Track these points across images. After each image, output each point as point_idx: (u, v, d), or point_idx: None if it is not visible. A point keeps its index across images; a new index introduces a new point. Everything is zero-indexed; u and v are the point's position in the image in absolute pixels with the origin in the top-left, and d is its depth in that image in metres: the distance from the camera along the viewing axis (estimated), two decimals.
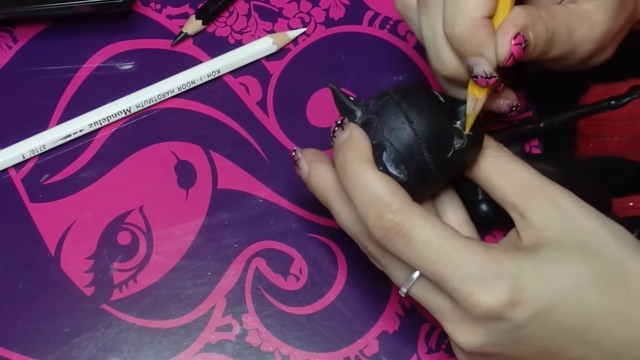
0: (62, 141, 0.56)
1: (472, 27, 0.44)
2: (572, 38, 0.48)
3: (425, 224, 0.43)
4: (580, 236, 0.44)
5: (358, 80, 0.58)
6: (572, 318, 0.43)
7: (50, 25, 0.60)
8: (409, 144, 0.45)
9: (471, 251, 0.43)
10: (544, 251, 0.44)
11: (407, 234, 0.43)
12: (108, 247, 0.54)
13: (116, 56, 0.59)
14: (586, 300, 0.43)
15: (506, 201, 0.46)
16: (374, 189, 0.44)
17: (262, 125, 0.57)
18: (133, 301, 0.53)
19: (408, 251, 0.43)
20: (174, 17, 0.60)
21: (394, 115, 0.46)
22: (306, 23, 0.59)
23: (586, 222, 0.44)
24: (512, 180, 0.46)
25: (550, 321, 0.43)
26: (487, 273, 0.42)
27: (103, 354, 0.52)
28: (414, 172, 0.46)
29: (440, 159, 0.46)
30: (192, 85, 0.57)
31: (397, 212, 0.43)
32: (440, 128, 0.46)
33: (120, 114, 0.57)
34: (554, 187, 0.46)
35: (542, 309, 0.42)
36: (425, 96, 0.47)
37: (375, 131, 0.46)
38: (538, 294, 0.42)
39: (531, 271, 0.43)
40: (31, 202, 0.56)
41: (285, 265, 0.54)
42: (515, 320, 0.43)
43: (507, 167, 0.47)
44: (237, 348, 0.52)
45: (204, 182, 0.56)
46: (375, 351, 0.52)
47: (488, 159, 0.47)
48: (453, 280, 0.43)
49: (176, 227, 0.55)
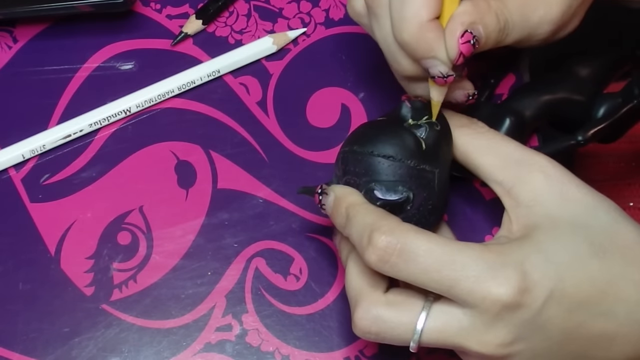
0: (62, 141, 0.56)
1: (419, 32, 0.44)
2: (527, 23, 0.47)
3: (420, 236, 0.43)
4: (568, 208, 0.44)
5: (358, 81, 0.58)
6: (584, 289, 0.43)
7: (50, 25, 0.60)
8: (387, 169, 0.46)
9: (473, 250, 0.43)
10: (538, 232, 0.44)
11: (404, 249, 0.43)
12: (108, 247, 0.54)
13: (116, 56, 0.59)
14: (591, 269, 0.43)
15: (491, 179, 0.46)
16: (364, 219, 0.44)
17: (262, 125, 0.57)
18: (133, 301, 0.53)
19: (411, 266, 0.43)
20: (174, 17, 0.60)
21: (357, 161, 0.47)
22: (306, 23, 0.59)
23: (572, 191, 0.45)
24: (493, 156, 0.46)
25: (565, 298, 0.43)
26: (495, 267, 0.42)
27: (103, 354, 0.52)
28: (412, 184, 0.46)
29: (420, 156, 0.46)
30: (192, 85, 0.57)
31: (389, 232, 0.43)
32: (398, 135, 0.46)
33: (120, 114, 0.57)
34: (537, 158, 0.46)
35: (555, 288, 0.43)
36: (367, 126, 0.48)
37: (356, 184, 0.47)
38: (547, 273, 0.43)
39: (533, 254, 0.43)
40: (31, 202, 0.56)
41: (285, 265, 0.54)
42: (534, 305, 0.42)
43: (487, 143, 0.47)
44: (237, 348, 0.52)
45: (204, 182, 0.56)
46: (375, 351, 0.52)
47: (465, 138, 0.47)
48: (465, 282, 0.42)
49: (176, 227, 0.55)
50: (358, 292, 0.46)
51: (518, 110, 0.53)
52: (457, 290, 0.43)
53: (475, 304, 0.42)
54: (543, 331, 0.43)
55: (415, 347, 0.44)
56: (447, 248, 0.43)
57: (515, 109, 0.53)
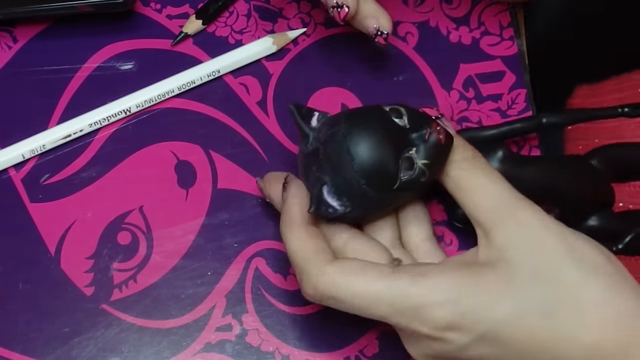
0: (62, 141, 0.56)
1: None
2: None
3: (347, 279, 0.44)
4: (537, 259, 0.43)
5: (358, 81, 0.58)
6: (521, 342, 0.43)
7: (50, 25, 0.60)
8: (348, 180, 0.46)
9: (401, 286, 0.44)
10: (493, 274, 0.44)
11: (334, 296, 0.45)
12: (108, 247, 0.54)
13: (116, 56, 0.59)
14: (535, 325, 0.42)
15: (473, 218, 0.46)
16: (300, 252, 0.46)
17: (262, 125, 0.57)
18: (133, 301, 0.53)
19: (343, 306, 0.45)
20: (174, 17, 0.60)
21: (337, 150, 0.46)
22: (306, 23, 0.59)
23: (548, 243, 0.44)
24: (480, 197, 0.46)
25: (498, 343, 0.43)
26: (421, 303, 0.43)
27: (103, 354, 0.52)
28: (357, 203, 0.47)
29: (383, 192, 0.46)
30: (192, 85, 0.57)
31: (320, 280, 0.45)
32: (383, 164, 0.46)
33: (120, 114, 0.57)
34: (521, 204, 0.45)
35: (487, 332, 0.43)
36: (376, 125, 0.47)
37: (319, 164, 0.47)
38: (480, 318, 0.43)
39: (472, 296, 0.43)
40: (31, 202, 0.56)
41: (285, 265, 0.54)
42: (456, 343, 0.43)
43: (478, 182, 0.46)
44: (237, 348, 0.52)
45: (204, 182, 0.56)
46: (375, 351, 0.52)
47: (459, 172, 0.47)
48: (391, 320, 0.44)
49: (176, 227, 0.55)
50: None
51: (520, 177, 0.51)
52: (388, 322, 0.45)
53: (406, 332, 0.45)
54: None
55: None
56: (372, 289, 0.44)
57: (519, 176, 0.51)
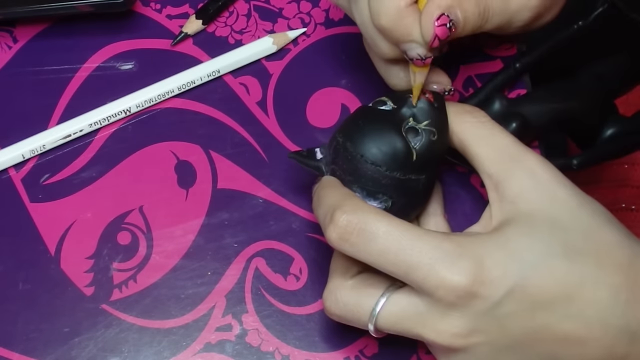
0: (62, 141, 0.56)
1: (397, 17, 0.45)
2: (508, 9, 0.48)
3: (381, 218, 0.44)
4: (552, 208, 0.44)
5: (357, 81, 0.58)
6: (549, 290, 0.42)
7: (50, 25, 0.60)
8: (370, 175, 0.46)
9: (432, 238, 0.43)
10: (512, 227, 0.44)
11: (364, 229, 0.43)
12: (108, 247, 0.54)
13: (116, 56, 0.59)
14: (560, 270, 0.42)
15: (483, 170, 0.46)
16: (330, 199, 0.45)
17: (262, 125, 0.57)
18: (133, 301, 0.53)
19: (369, 247, 0.43)
20: (174, 17, 0.60)
21: (346, 158, 0.47)
22: (306, 23, 0.59)
23: (559, 192, 0.44)
24: (488, 148, 0.46)
25: (527, 296, 0.42)
26: (451, 256, 0.42)
27: (103, 354, 0.52)
28: (392, 193, 0.46)
29: (409, 167, 0.47)
30: (192, 85, 0.57)
31: (351, 212, 0.44)
32: (392, 144, 0.46)
33: (120, 114, 0.57)
34: (530, 156, 0.46)
35: (516, 285, 0.42)
36: (366, 120, 0.48)
37: (342, 180, 0.48)
38: (508, 270, 0.42)
39: (497, 250, 0.43)
40: (31, 202, 0.56)
41: (285, 265, 0.54)
42: (490, 298, 0.42)
43: (485, 134, 0.47)
44: (237, 348, 0.52)
45: (204, 182, 0.56)
46: (375, 351, 0.52)
47: (465, 126, 0.47)
48: (420, 268, 0.43)
49: (176, 227, 0.55)
50: (330, 275, 0.47)
51: (525, 116, 0.52)
52: (413, 276, 0.43)
53: (430, 291, 0.43)
54: (503, 328, 0.43)
55: (372, 329, 0.45)
56: (407, 233, 0.43)
57: (522, 115, 0.52)
